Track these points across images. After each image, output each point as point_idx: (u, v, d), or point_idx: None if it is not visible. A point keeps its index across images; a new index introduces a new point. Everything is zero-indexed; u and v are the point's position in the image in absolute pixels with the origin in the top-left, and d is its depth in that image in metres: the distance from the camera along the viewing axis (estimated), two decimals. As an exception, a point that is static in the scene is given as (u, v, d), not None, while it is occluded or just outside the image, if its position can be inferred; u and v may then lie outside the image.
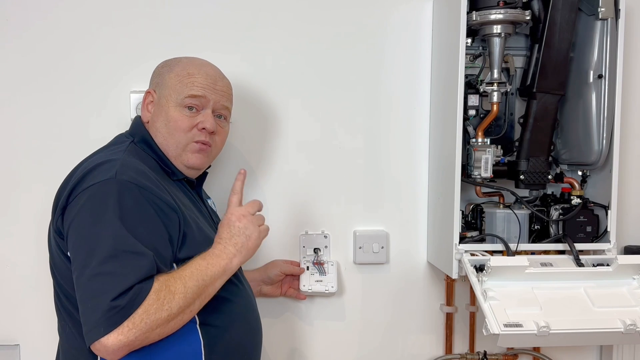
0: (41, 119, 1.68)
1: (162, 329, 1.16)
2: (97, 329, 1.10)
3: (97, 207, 1.17)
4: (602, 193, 1.64)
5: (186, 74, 1.37)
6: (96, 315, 1.11)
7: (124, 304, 1.10)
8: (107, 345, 1.10)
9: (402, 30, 1.76)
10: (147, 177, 1.24)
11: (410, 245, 1.82)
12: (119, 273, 1.12)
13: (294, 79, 1.75)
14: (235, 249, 1.28)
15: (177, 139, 1.36)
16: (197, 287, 1.20)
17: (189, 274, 1.20)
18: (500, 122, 1.72)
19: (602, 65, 1.59)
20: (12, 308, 1.71)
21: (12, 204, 1.69)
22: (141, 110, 1.43)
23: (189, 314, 1.20)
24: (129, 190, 1.18)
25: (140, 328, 1.12)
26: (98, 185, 1.18)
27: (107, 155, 1.28)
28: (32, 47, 1.67)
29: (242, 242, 1.30)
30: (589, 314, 1.42)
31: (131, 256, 1.14)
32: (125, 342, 1.11)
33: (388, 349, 1.85)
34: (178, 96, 1.36)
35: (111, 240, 1.14)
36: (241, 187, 1.40)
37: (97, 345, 1.11)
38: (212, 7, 1.71)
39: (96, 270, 1.12)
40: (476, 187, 1.70)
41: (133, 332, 1.11)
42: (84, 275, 1.14)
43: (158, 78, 1.41)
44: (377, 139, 1.79)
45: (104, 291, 1.11)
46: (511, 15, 1.56)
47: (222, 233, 1.31)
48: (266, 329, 1.73)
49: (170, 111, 1.35)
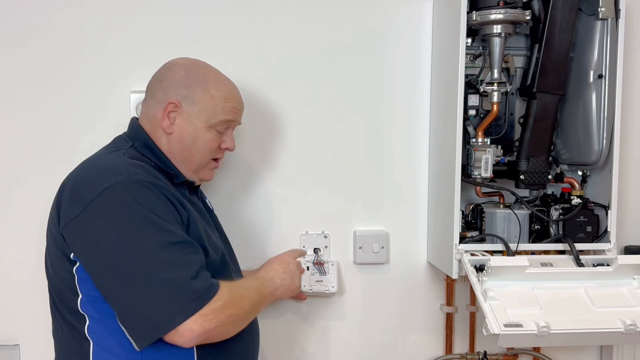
0: (40, 119, 1.68)
1: (233, 326, 1.22)
2: (185, 309, 1.11)
3: (125, 208, 1.16)
4: (602, 193, 1.64)
5: (222, 97, 1.38)
6: (167, 306, 1.11)
7: (200, 292, 1.13)
8: (188, 329, 1.12)
9: (402, 30, 1.77)
10: (156, 177, 1.26)
11: (410, 245, 1.82)
12: (181, 262, 1.15)
13: (294, 79, 1.75)
14: (280, 284, 1.44)
15: (202, 158, 1.39)
16: (256, 300, 1.30)
17: (250, 286, 1.32)
18: (500, 122, 1.72)
19: (602, 65, 1.59)
20: (12, 308, 1.71)
21: (12, 204, 1.69)
22: (160, 118, 1.35)
23: (246, 323, 1.27)
24: (147, 188, 1.19)
25: (220, 319, 1.15)
26: (114, 187, 1.17)
27: (110, 158, 1.29)
28: (31, 47, 1.67)
29: (288, 282, 1.46)
30: (589, 314, 1.42)
31: (180, 245, 1.17)
32: (207, 329, 1.14)
33: (388, 349, 1.85)
34: (211, 118, 1.36)
35: (152, 235, 1.15)
36: (300, 254, 1.65)
37: (180, 328, 1.12)
38: (213, 6, 1.71)
39: (151, 267, 1.13)
40: (476, 187, 1.70)
41: (215, 322, 1.14)
42: (131, 278, 1.13)
43: (184, 90, 1.35)
44: (377, 138, 1.79)
45: (173, 280, 1.12)
46: (511, 15, 1.56)
47: (275, 265, 1.49)
48: (267, 330, 1.74)
49: (201, 131, 1.36)
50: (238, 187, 1.76)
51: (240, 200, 1.76)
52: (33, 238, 1.65)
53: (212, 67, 1.43)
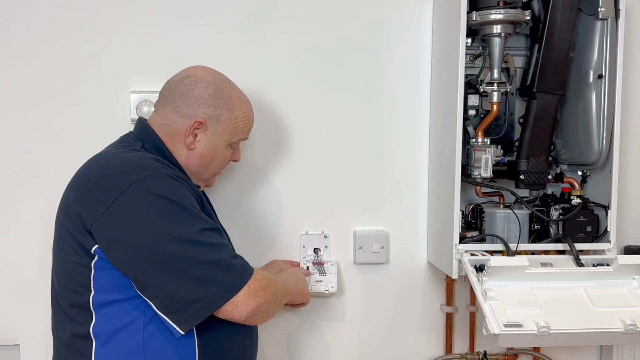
0: (42, 118, 1.68)
1: (274, 307, 1.30)
2: (233, 285, 1.18)
3: (156, 199, 1.19)
4: (602, 193, 1.64)
5: (244, 119, 1.43)
6: (223, 277, 1.18)
7: (243, 270, 1.21)
8: (248, 303, 1.19)
9: (402, 30, 1.77)
10: (175, 171, 1.29)
11: (410, 245, 1.82)
12: (221, 244, 1.23)
13: (294, 79, 1.75)
14: (293, 287, 1.49)
15: (215, 172, 1.47)
16: (284, 291, 1.37)
17: (277, 278, 1.40)
18: (500, 122, 1.72)
19: (602, 65, 1.59)
20: (12, 308, 1.71)
21: (13, 204, 1.69)
22: (183, 133, 1.36)
23: (278, 308, 1.34)
24: (175, 180, 1.24)
25: (268, 296, 1.23)
26: (144, 180, 1.19)
27: (134, 155, 1.29)
28: (31, 47, 1.67)
29: (298, 289, 1.51)
30: (589, 314, 1.42)
31: (216, 231, 1.24)
32: (259, 303, 1.21)
33: (388, 349, 1.85)
34: (232, 137, 1.42)
35: (192, 222, 1.20)
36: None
37: (237, 302, 1.18)
38: (212, 7, 1.71)
39: (192, 253, 1.17)
40: (476, 187, 1.70)
41: (264, 297, 1.22)
42: (180, 259, 1.17)
43: (213, 110, 1.37)
44: (377, 139, 1.79)
45: (219, 259, 1.19)
46: (511, 15, 1.56)
47: (288, 272, 1.58)
48: (266, 329, 1.74)
49: (221, 149, 1.42)
50: (238, 187, 1.76)
51: (241, 201, 1.76)
52: (34, 238, 1.66)
53: (234, 84, 1.46)
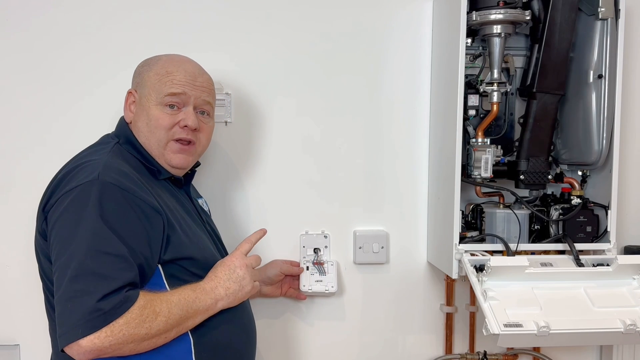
0: (37, 118, 1.68)
1: (136, 345, 1.15)
2: (75, 330, 1.09)
3: (80, 208, 1.16)
4: (602, 193, 1.64)
5: (165, 72, 1.36)
6: (76, 316, 1.10)
7: (108, 309, 1.10)
8: (81, 346, 1.10)
9: (402, 30, 1.77)
10: (130, 179, 1.23)
11: (410, 245, 1.82)
12: (104, 275, 1.12)
13: (294, 78, 1.75)
14: (225, 293, 1.29)
15: (159, 137, 1.35)
16: (179, 316, 1.20)
17: (176, 301, 1.21)
18: (500, 122, 1.72)
19: (602, 65, 1.59)
20: (12, 308, 1.71)
21: (10, 204, 1.69)
22: (124, 111, 1.41)
23: (164, 340, 1.20)
24: (111, 191, 1.18)
25: (117, 338, 1.11)
26: (81, 187, 1.18)
27: (91, 156, 1.29)
28: (30, 46, 1.67)
29: (234, 289, 1.30)
30: (589, 314, 1.42)
31: (115, 259, 1.14)
32: (99, 347, 1.10)
33: (388, 349, 1.85)
34: (158, 95, 1.35)
35: (94, 240, 1.14)
36: (256, 241, 1.42)
37: (73, 345, 1.10)
38: (210, 5, 1.71)
39: (78, 271, 1.12)
40: (476, 187, 1.70)
41: (109, 340, 1.10)
42: (65, 276, 1.12)
43: (138, 78, 1.40)
44: (377, 139, 1.79)
45: (88, 292, 1.10)
46: (511, 15, 1.56)
47: (219, 272, 1.31)
48: (266, 329, 1.74)
49: (151, 110, 1.34)
50: (238, 187, 1.76)
51: (241, 201, 1.76)
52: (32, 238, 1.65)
53: (176, 54, 1.43)
